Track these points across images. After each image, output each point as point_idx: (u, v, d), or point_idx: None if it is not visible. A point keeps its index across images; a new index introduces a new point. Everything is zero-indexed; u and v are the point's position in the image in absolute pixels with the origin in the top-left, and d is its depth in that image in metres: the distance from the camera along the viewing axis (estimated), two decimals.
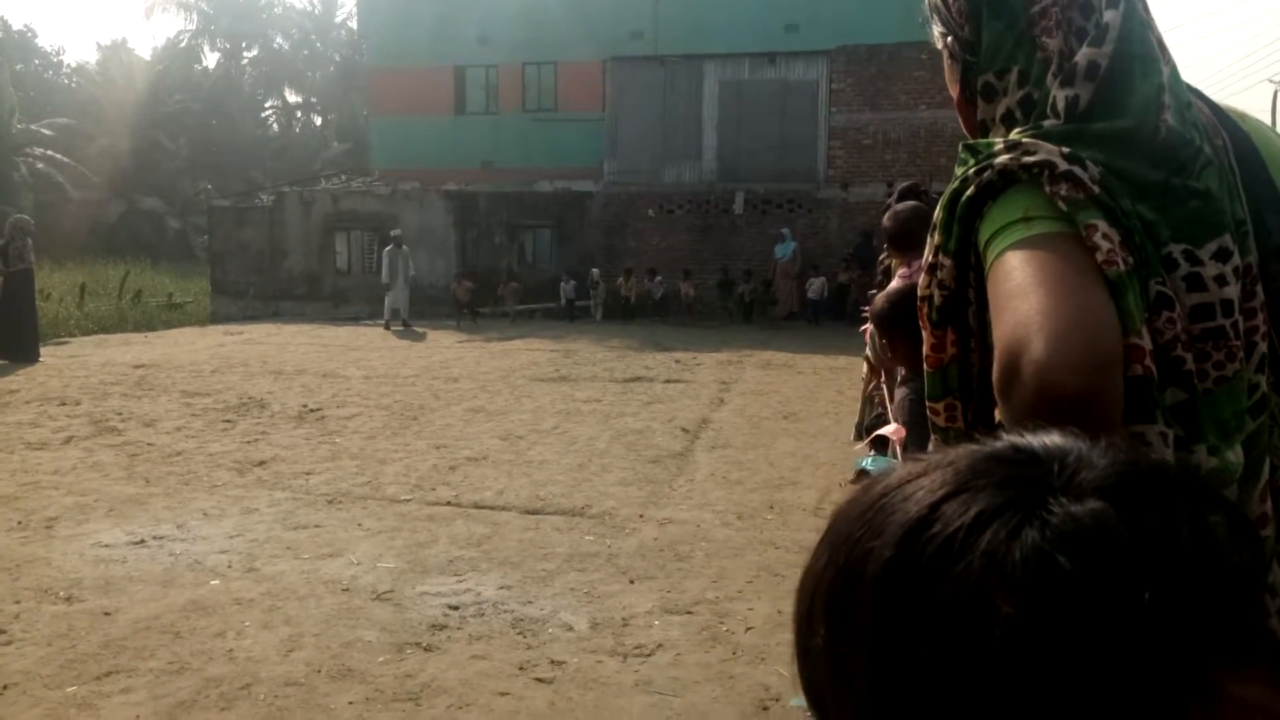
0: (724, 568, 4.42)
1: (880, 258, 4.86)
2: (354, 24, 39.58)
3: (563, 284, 19.46)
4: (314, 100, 48.56)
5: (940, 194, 1.15)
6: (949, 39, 1.18)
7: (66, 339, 15.00)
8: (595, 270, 19.28)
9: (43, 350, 12.29)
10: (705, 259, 19.59)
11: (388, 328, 16.74)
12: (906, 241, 3.46)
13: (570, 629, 3.74)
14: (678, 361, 12.24)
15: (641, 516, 5.28)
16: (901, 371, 2.78)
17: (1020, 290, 0.93)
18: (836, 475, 6.03)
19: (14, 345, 11.61)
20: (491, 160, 22.43)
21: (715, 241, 19.88)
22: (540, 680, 3.30)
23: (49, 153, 33.51)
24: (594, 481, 6.07)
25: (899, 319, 2.50)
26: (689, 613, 3.90)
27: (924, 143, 18.76)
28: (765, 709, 3.10)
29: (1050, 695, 0.40)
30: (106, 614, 3.85)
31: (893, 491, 0.47)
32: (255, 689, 3.21)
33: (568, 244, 20.38)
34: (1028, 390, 0.88)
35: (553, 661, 3.45)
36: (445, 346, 14.30)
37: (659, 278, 19.35)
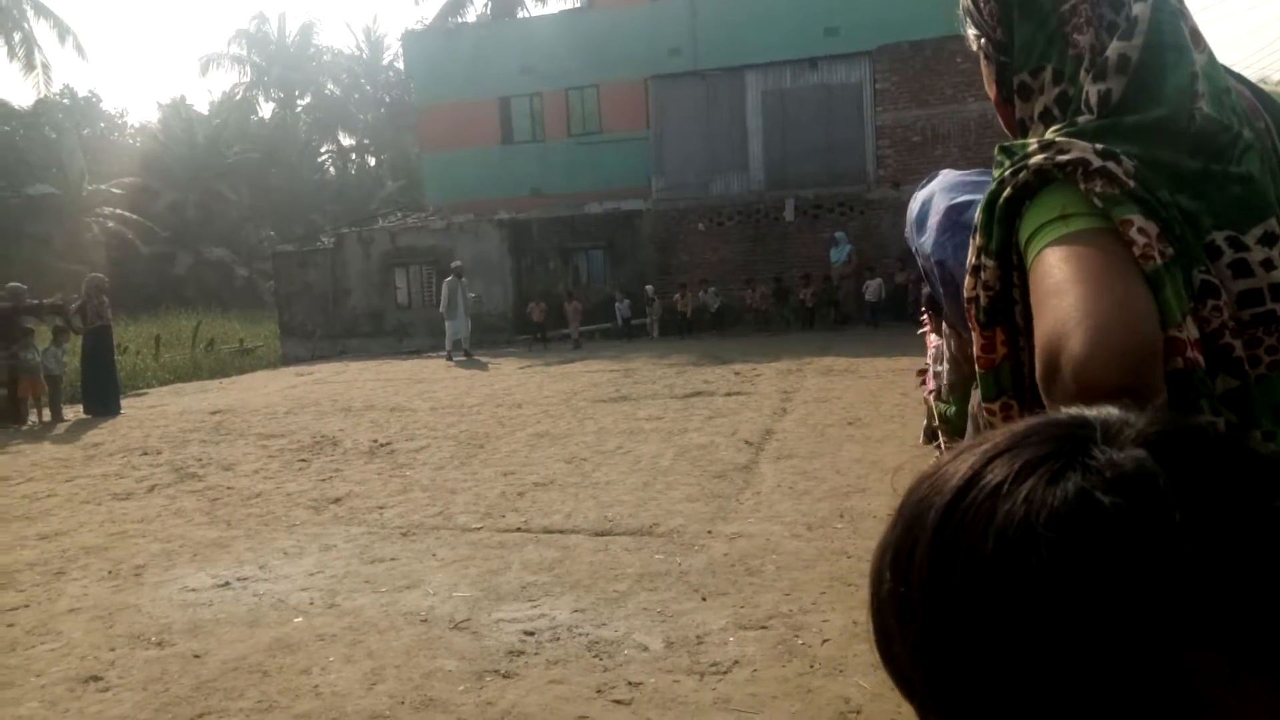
0: (796, 580, 4.38)
1: None
2: (400, 64, 40.65)
3: (617, 304, 19.57)
4: (367, 141, 49.83)
5: None
6: (982, 41, 1.20)
7: (145, 390, 15.57)
8: (649, 287, 19.36)
9: (123, 403, 12.76)
10: (759, 269, 19.53)
11: (450, 359, 17.00)
12: None
13: (645, 649, 3.75)
14: (737, 374, 12.20)
15: (710, 532, 5.27)
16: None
17: (1059, 288, 0.94)
18: (905, 480, 5.95)
19: (97, 400, 12.08)
20: (540, 187, 22.75)
21: (768, 250, 19.81)
22: (619, 702, 3.31)
23: (118, 211, 34.93)
24: (660, 500, 6.07)
25: None
26: (763, 627, 3.87)
27: (974, 135, 18.47)
28: None
29: (1090, 622, 0.43)
30: (196, 656, 3.97)
31: (955, 458, 0.52)
32: None
33: (621, 263, 20.50)
34: (1068, 386, 0.88)
35: (630, 683, 3.46)
36: (507, 374, 14.47)
37: (713, 288, 19.33)
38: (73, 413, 12.27)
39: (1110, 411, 0.50)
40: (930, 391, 3.72)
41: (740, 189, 20.41)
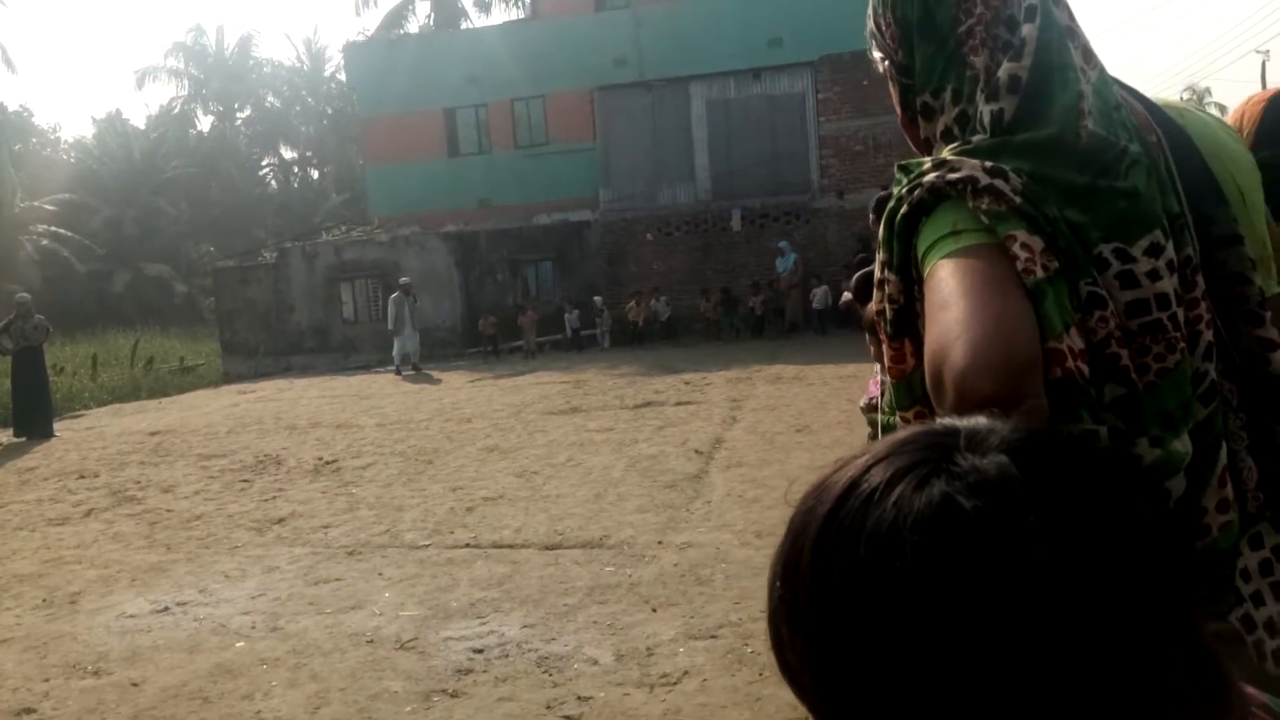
0: (746, 588, 4.40)
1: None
2: (343, 76, 40.16)
3: (566, 315, 19.55)
4: (310, 154, 49.11)
5: None
6: (887, 64, 1.24)
7: (82, 411, 15.12)
8: (598, 298, 19.36)
9: (59, 424, 12.40)
10: (707, 278, 19.64)
11: (399, 373, 16.80)
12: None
13: (595, 663, 3.74)
14: (687, 383, 12.24)
15: (660, 543, 5.27)
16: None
17: (945, 301, 0.98)
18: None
19: (27, 423, 11.71)
20: (489, 198, 22.61)
21: (716, 260, 19.95)
22: (568, 718, 3.29)
23: (53, 228, 33.93)
24: (611, 511, 6.06)
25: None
26: (713, 637, 3.88)
27: None
28: None
29: (951, 618, 0.45)
30: (134, 684, 3.86)
31: (840, 468, 0.55)
32: None
33: (570, 275, 20.47)
34: (949, 396, 0.92)
35: (579, 697, 3.44)
36: (456, 387, 14.35)
37: (664, 297, 19.37)
38: (4, 436, 11.88)
39: (978, 420, 0.53)
40: (869, 398, 3.78)
41: (687, 199, 20.53)
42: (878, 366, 4.89)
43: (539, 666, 3.74)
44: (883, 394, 3.43)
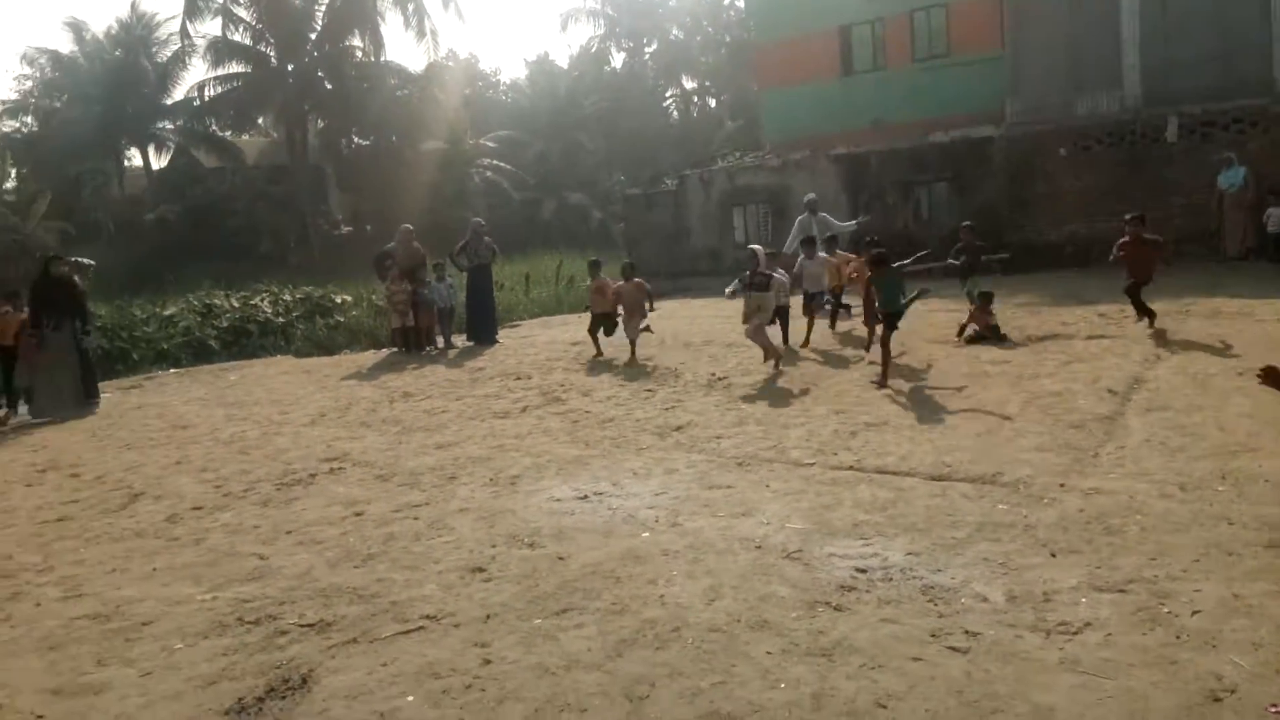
0: (1164, 544, 3.97)
1: None
2: (741, 3, 40.81)
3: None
4: (708, 84, 50.86)
5: None
6: None
7: (518, 322, 17.40)
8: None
9: (501, 333, 14.38)
10: (1132, 198, 17.32)
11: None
12: None
13: (984, 600, 3.63)
14: (1102, 315, 11.04)
15: (1062, 485, 4.92)
16: None
17: None
18: None
19: (478, 330, 13.74)
20: (880, 118, 21.88)
21: (1144, 176, 17.50)
22: (954, 649, 3.25)
23: (494, 162, 39.03)
24: (1005, 448, 5.75)
25: None
26: (1121, 591, 3.58)
27: None
28: (1217, 700, 2.77)
29: None
30: (561, 559, 4.48)
31: None
32: (684, 632, 3.56)
33: (967, 196, 19.21)
34: None
35: (967, 632, 3.37)
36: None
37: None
38: (461, 340, 14.06)
39: None
40: None
41: (1111, 107, 18.15)
42: None
43: (924, 595, 3.72)
44: None
